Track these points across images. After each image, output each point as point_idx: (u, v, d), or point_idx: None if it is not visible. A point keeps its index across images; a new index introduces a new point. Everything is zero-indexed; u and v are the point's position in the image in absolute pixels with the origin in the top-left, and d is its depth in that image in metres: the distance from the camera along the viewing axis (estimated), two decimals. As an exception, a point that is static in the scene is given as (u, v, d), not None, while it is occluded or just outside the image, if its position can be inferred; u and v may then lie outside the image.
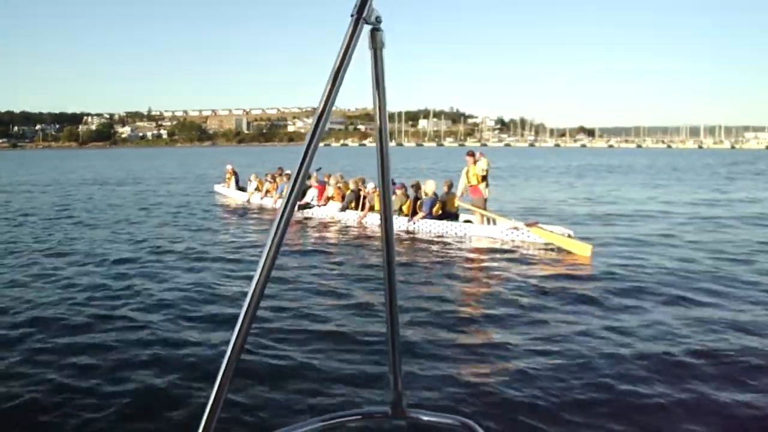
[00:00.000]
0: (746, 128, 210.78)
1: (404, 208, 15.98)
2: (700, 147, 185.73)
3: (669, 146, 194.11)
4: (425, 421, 1.35)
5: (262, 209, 20.89)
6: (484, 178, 14.91)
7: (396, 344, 1.28)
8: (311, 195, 19.13)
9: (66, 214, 20.17)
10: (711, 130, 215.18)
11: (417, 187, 16.12)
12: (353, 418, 1.37)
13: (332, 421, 1.34)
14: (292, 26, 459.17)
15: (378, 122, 1.18)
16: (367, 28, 1.08)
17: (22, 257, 12.24)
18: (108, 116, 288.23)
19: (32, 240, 14.41)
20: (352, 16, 1.04)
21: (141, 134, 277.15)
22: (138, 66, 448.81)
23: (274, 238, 0.99)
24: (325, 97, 1.04)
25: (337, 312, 8.29)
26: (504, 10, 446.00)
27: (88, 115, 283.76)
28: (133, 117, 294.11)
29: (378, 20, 1.09)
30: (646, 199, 25.08)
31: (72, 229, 16.61)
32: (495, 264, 11.62)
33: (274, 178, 22.02)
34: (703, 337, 7.17)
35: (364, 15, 1.05)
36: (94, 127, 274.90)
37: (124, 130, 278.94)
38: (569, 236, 13.01)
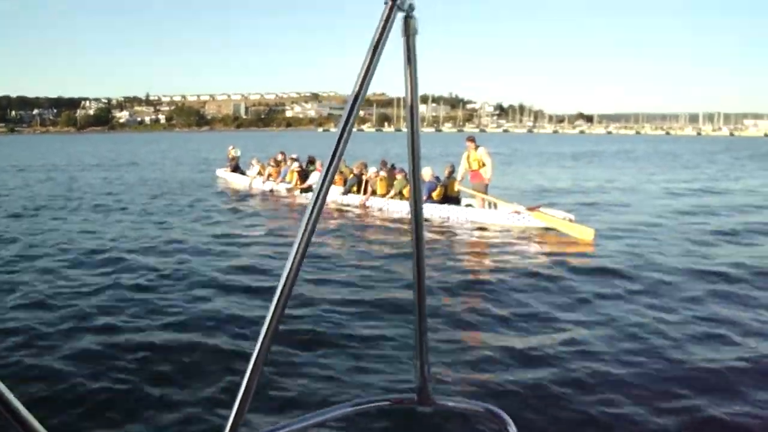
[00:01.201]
0: (745, 115, 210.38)
1: (405, 192, 16.02)
2: (699, 134, 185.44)
3: (668, 133, 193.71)
4: (452, 408, 1.37)
5: (264, 193, 20.92)
6: (485, 164, 14.91)
7: (423, 332, 1.28)
8: (314, 179, 19.17)
9: (73, 200, 20.17)
10: (710, 117, 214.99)
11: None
12: (381, 404, 1.39)
13: (361, 407, 1.35)
14: (291, 11, 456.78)
15: (410, 109, 1.19)
16: (400, 15, 1.08)
17: (34, 248, 11.95)
18: (106, 101, 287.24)
19: (44, 230, 14.22)
20: (386, 3, 1.04)
21: (139, 119, 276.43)
22: (136, 50, 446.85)
23: (307, 224, 1.00)
24: (359, 83, 1.03)
25: (359, 299, 8.31)
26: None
27: (86, 99, 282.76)
28: (131, 102, 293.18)
29: (411, 7, 1.10)
30: (646, 183, 25.14)
31: (79, 215, 16.62)
32: (498, 248, 11.69)
33: (277, 162, 22.03)
34: (709, 323, 7.23)
35: (397, 2, 1.05)
36: (92, 112, 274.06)
37: (122, 115, 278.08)
38: (571, 221, 13.05)
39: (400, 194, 16.21)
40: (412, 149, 1.20)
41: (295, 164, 20.57)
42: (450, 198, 15.56)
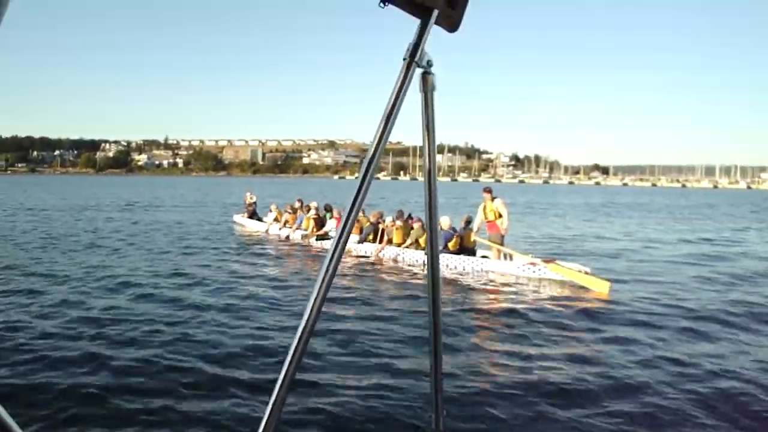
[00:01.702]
0: (762, 169, 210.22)
1: (421, 241, 16.14)
2: (716, 187, 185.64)
3: (684, 185, 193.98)
4: None
5: (280, 239, 21.09)
6: (501, 215, 15.00)
7: (438, 370, 1.31)
8: (330, 226, 19.35)
9: (90, 240, 20.40)
10: (726, 170, 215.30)
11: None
12: None
13: None
14: (310, 60, 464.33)
15: (427, 163, 1.22)
16: (418, 72, 1.11)
17: (56, 285, 12.19)
18: (125, 144, 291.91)
19: (60, 269, 14.43)
20: (404, 59, 1.08)
21: (157, 162, 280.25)
22: (156, 94, 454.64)
23: (327, 269, 1.02)
24: (378, 136, 1.07)
25: (376, 337, 8.62)
26: (518, 47, 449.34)
27: (105, 142, 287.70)
28: (150, 145, 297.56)
29: (429, 64, 1.13)
30: (663, 237, 25.06)
31: (97, 256, 16.76)
32: (512, 300, 11.67)
33: (294, 209, 22.28)
34: (718, 374, 7.22)
35: (416, 59, 1.08)
36: (111, 154, 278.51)
37: (141, 158, 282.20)
38: (587, 273, 13.06)
39: (416, 243, 16.29)
40: (429, 199, 1.23)
41: (312, 212, 20.76)
42: (466, 249, 15.60)
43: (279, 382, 0.99)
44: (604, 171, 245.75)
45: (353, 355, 7.76)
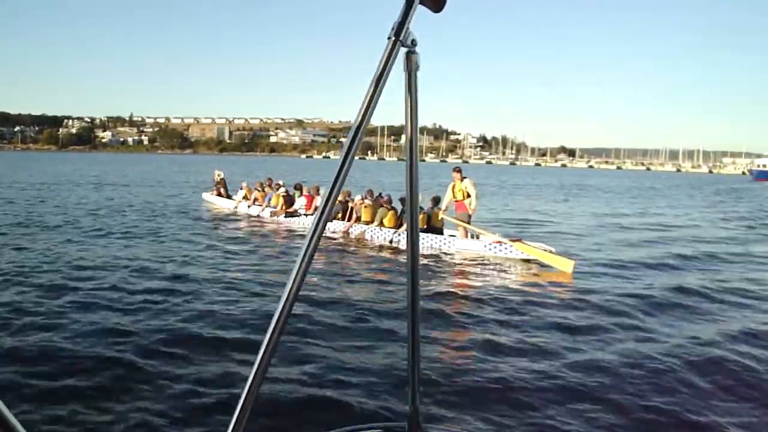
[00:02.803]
0: (724, 153, 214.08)
1: (385, 221, 16.31)
2: (679, 170, 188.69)
3: (648, 168, 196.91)
4: None
5: (249, 217, 21.08)
6: (469, 195, 15.16)
7: (416, 360, 1.30)
8: (300, 204, 19.39)
9: (57, 219, 20.11)
10: (690, 154, 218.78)
11: (404, 200, 16.38)
12: (372, 430, 1.41)
13: None
14: (278, 37, 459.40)
15: (409, 141, 1.22)
16: (403, 50, 1.11)
17: (11, 268, 11.77)
18: (89, 120, 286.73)
19: (23, 252, 14.16)
20: (389, 38, 1.08)
21: (122, 139, 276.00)
22: (121, 70, 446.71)
23: (307, 248, 1.02)
24: (361, 115, 1.06)
25: (350, 316, 8.61)
26: (488, 29, 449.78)
27: (69, 118, 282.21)
28: (114, 122, 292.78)
29: (413, 43, 1.12)
30: (626, 217, 25.55)
31: (65, 236, 16.58)
32: (481, 277, 11.90)
33: (262, 187, 22.30)
34: (680, 348, 7.49)
35: (401, 38, 1.08)
36: (74, 131, 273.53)
37: (105, 135, 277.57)
38: (552, 252, 13.31)
39: (381, 223, 16.46)
40: (411, 179, 1.23)
41: (282, 189, 20.77)
42: (433, 228, 15.73)
43: (255, 366, 0.98)
44: (571, 153, 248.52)
45: (327, 336, 7.73)
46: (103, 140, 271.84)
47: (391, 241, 15.66)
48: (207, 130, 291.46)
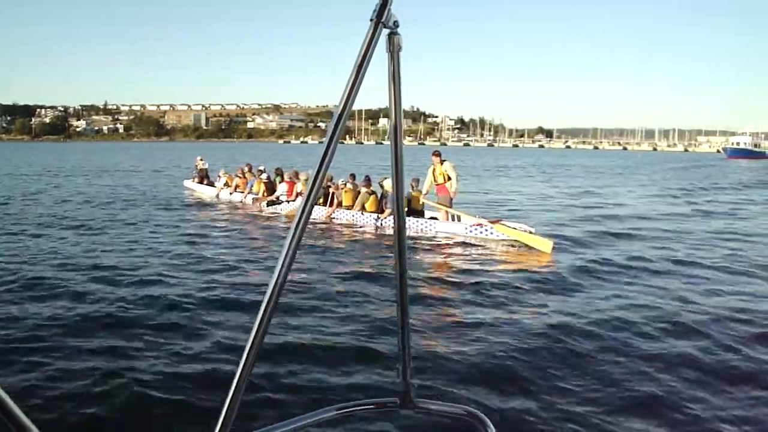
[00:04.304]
0: (699, 132, 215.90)
1: (367, 205, 16.48)
2: (655, 149, 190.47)
3: (625, 148, 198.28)
4: (433, 411, 1.41)
5: (231, 204, 21.20)
6: (450, 177, 15.36)
7: (406, 336, 1.32)
8: (281, 190, 19.45)
9: (33, 210, 20.10)
10: (665, 134, 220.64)
11: (383, 184, 16.57)
12: (364, 407, 1.43)
13: (343, 411, 1.41)
14: (253, 21, 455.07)
15: (393, 123, 1.23)
16: (385, 32, 1.11)
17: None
18: (62, 109, 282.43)
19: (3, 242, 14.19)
20: (371, 20, 1.08)
21: (97, 128, 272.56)
22: (94, 58, 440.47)
23: (294, 235, 1.04)
24: (344, 98, 1.06)
25: (337, 298, 8.78)
26: (465, 11, 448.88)
27: (41, 107, 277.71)
28: (88, 110, 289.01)
29: (396, 24, 1.12)
30: (603, 196, 25.98)
31: (47, 228, 16.59)
32: (462, 259, 12.14)
33: (243, 173, 22.35)
34: (655, 322, 7.80)
35: (383, 19, 1.08)
36: (47, 120, 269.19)
37: (79, 124, 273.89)
38: (531, 232, 13.57)
39: (362, 208, 16.63)
40: (396, 161, 1.25)
41: (263, 175, 20.84)
42: (414, 210, 15.88)
43: (246, 350, 1.00)
44: (548, 134, 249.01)
45: (317, 317, 7.87)
46: (78, 129, 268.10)
47: (375, 227, 15.83)
48: (183, 117, 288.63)
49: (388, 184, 15.97)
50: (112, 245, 13.14)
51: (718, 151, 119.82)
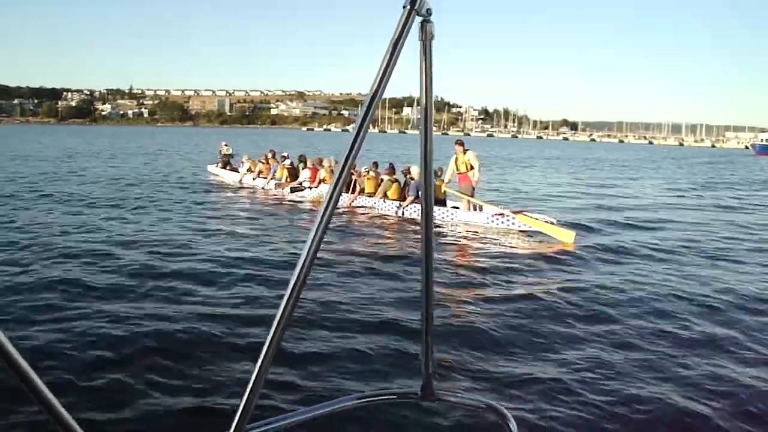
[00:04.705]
0: (727, 128, 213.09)
1: (389, 193, 16.53)
2: (681, 144, 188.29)
3: (651, 142, 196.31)
4: (454, 404, 1.42)
5: (255, 189, 21.36)
6: (472, 167, 15.36)
7: (429, 328, 1.30)
8: (304, 176, 19.57)
9: (61, 192, 20.30)
10: (693, 128, 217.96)
11: (407, 172, 16.61)
12: (386, 398, 1.42)
13: (366, 400, 1.40)
14: (278, 9, 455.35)
15: (425, 112, 1.20)
16: (417, 20, 1.10)
17: (24, 243, 11.51)
18: (88, 93, 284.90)
19: (38, 223, 14.18)
20: (404, 7, 1.06)
21: (122, 112, 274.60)
22: (120, 43, 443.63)
23: (321, 221, 1.01)
24: (376, 85, 1.05)
25: (365, 295, 8.57)
26: (492, 3, 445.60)
27: (68, 90, 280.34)
28: (114, 94, 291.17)
29: (428, 12, 1.11)
30: (627, 189, 25.80)
31: (74, 208, 16.80)
32: (482, 249, 12.12)
33: (267, 159, 22.47)
34: (680, 318, 7.77)
35: (416, 7, 1.06)
36: (73, 104, 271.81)
37: (105, 108, 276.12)
38: (552, 223, 13.55)
39: (384, 195, 16.68)
40: (425, 150, 1.23)
41: (287, 161, 20.97)
42: (436, 200, 15.81)
43: (268, 338, 0.99)
44: (573, 126, 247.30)
45: (339, 306, 7.82)
46: (103, 113, 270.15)
47: (397, 215, 15.89)
48: (207, 103, 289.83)
49: (415, 171, 16.02)
50: (136, 231, 13.17)
51: (747, 147, 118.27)
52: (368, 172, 17.40)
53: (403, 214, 15.81)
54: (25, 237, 11.73)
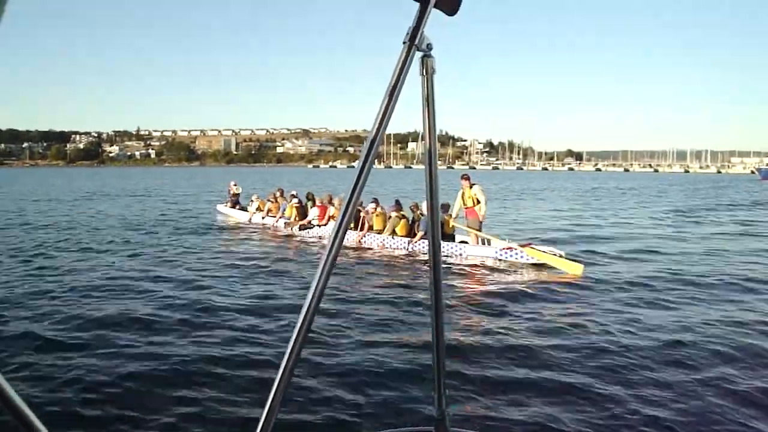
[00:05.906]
0: (732, 153, 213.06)
1: (397, 229, 16.66)
2: (687, 171, 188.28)
3: (656, 170, 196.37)
4: None
5: (264, 228, 21.54)
6: (479, 201, 15.49)
7: (441, 364, 1.30)
8: (313, 214, 19.71)
9: (72, 233, 20.57)
10: (698, 155, 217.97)
11: (416, 208, 16.73)
12: None
13: None
14: (283, 48, 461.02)
15: (428, 146, 1.21)
16: (418, 55, 1.12)
17: (38, 281, 12.34)
18: (96, 135, 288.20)
19: (39, 263, 14.59)
20: (404, 43, 1.08)
21: (129, 153, 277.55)
22: (126, 85, 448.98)
23: (327, 258, 1.02)
24: (378, 120, 1.05)
25: (372, 322, 8.81)
26: (494, 34, 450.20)
27: (76, 133, 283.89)
28: (121, 136, 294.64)
29: (429, 47, 1.13)
30: (634, 220, 25.88)
31: (82, 249, 17.01)
32: (492, 283, 12.20)
33: (275, 198, 22.69)
34: (699, 345, 7.82)
35: (416, 42, 1.08)
36: (81, 146, 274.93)
37: (112, 149, 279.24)
38: (561, 256, 13.63)
39: (393, 232, 16.79)
40: (430, 184, 1.23)
41: (295, 200, 21.14)
42: (444, 234, 15.91)
43: (278, 375, 0.99)
44: (578, 157, 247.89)
45: (351, 341, 7.89)
46: (111, 154, 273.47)
47: (407, 251, 16.00)
48: (214, 142, 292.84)
49: (424, 207, 16.09)
50: (147, 269, 13.38)
51: (753, 173, 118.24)
52: (375, 209, 17.50)
53: (413, 250, 15.90)
54: (52, 282, 11.89)
